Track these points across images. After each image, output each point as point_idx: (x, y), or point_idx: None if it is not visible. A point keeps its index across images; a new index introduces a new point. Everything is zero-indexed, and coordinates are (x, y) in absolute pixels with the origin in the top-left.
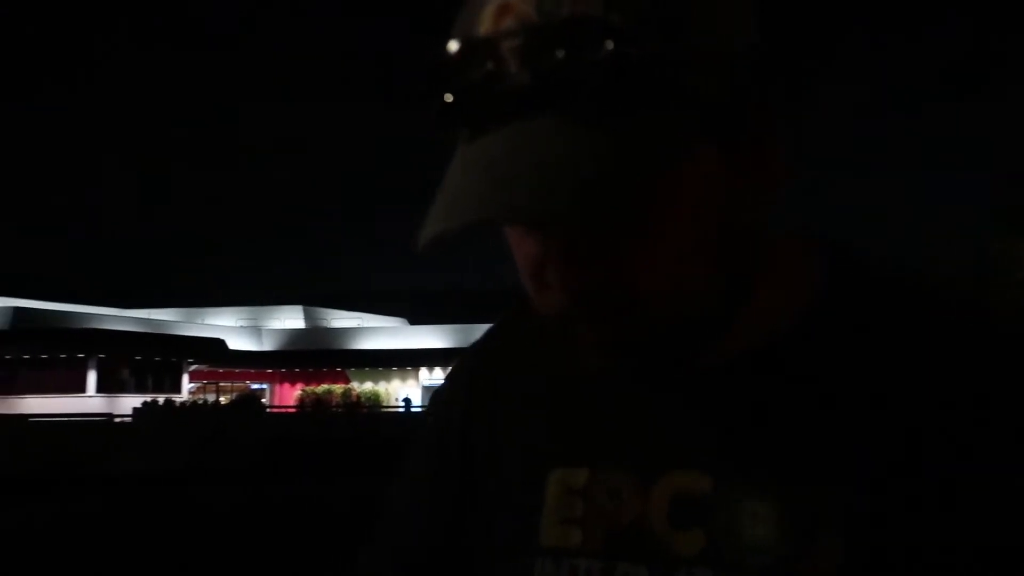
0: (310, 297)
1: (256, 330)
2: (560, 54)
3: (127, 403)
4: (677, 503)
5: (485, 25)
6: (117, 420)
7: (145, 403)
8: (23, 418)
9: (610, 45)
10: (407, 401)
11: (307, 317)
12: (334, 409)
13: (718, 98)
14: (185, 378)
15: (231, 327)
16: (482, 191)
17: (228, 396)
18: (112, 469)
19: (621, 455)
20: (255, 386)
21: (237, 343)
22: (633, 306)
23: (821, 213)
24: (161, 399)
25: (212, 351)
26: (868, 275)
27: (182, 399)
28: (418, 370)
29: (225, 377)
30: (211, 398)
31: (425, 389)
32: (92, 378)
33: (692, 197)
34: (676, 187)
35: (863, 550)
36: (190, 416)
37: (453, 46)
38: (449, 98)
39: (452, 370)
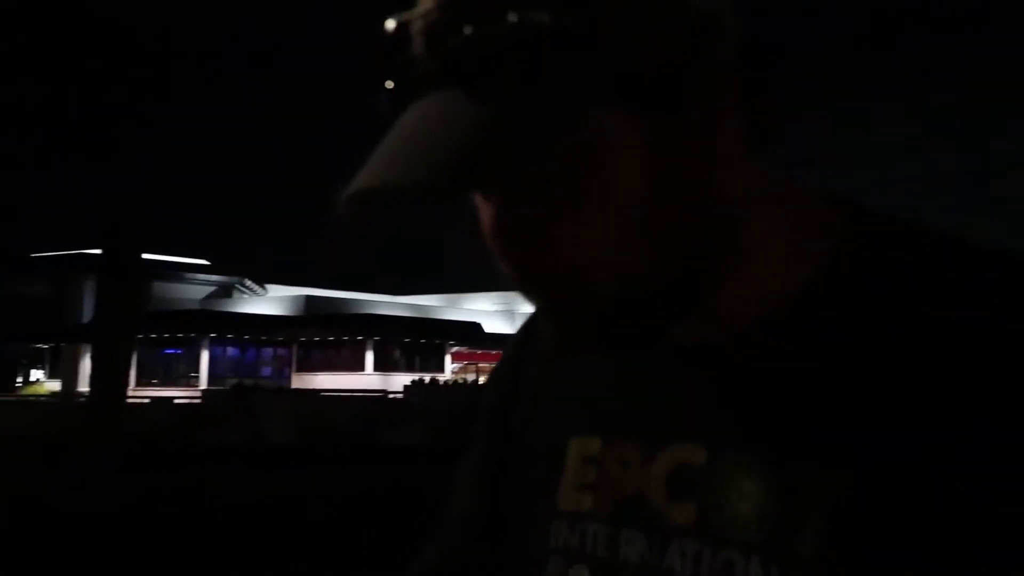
0: None
1: (510, 314)
2: (467, 30)
3: (398, 380)
4: (675, 475)
5: (418, 9)
6: (390, 396)
7: (413, 381)
8: (315, 392)
9: (513, 17)
10: None
11: None
12: None
13: (637, 67)
14: (447, 359)
15: (487, 311)
16: (381, 163)
17: (486, 376)
18: (386, 440)
19: (630, 426)
20: None
21: (492, 326)
22: (564, 280)
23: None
24: (427, 378)
25: (470, 334)
26: (885, 236)
27: (445, 378)
28: None
29: (482, 358)
30: (470, 377)
31: None
32: (369, 358)
33: (609, 168)
34: (586, 158)
35: (845, 535)
36: (452, 393)
37: (389, 24)
38: (388, 84)
39: (504, 349)
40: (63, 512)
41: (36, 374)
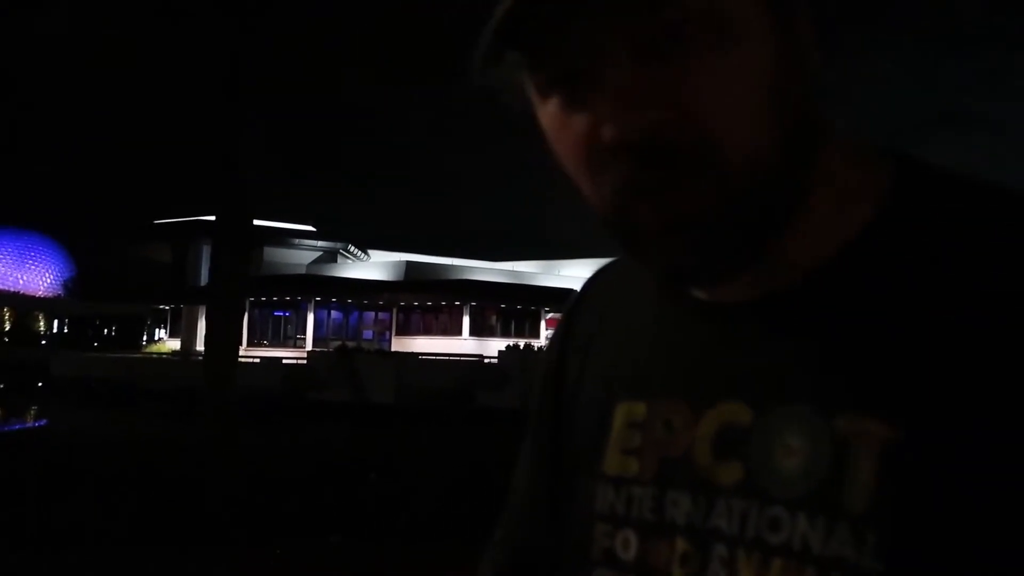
0: None
1: None
2: None
3: (494, 346)
4: (721, 434)
5: None
6: (486, 360)
7: (508, 346)
8: (414, 356)
9: None
10: None
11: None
12: None
13: None
14: (543, 324)
15: (583, 277)
16: None
17: None
18: (483, 402)
19: (675, 387)
20: None
21: None
22: (700, 155)
23: None
24: (522, 343)
25: (566, 300)
26: (938, 186)
27: (540, 344)
28: None
29: None
30: None
31: None
32: (466, 323)
33: (744, 38)
34: (726, 23)
35: (894, 486)
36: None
37: None
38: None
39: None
40: (180, 466)
41: (159, 333)
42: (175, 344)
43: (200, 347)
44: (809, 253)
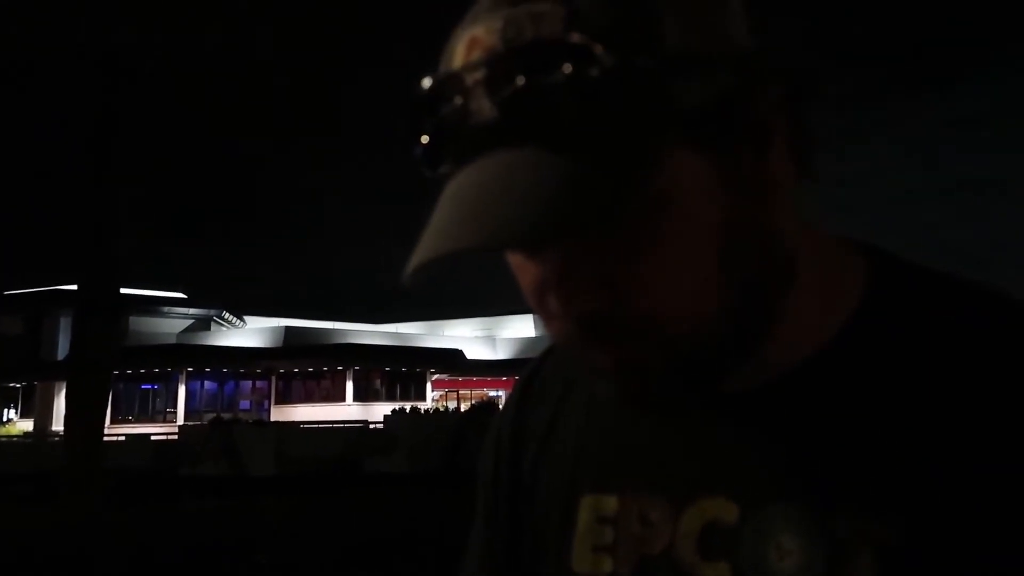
0: None
1: (491, 339)
2: (520, 81)
3: (379, 410)
4: (705, 532)
5: (456, 60)
6: (372, 426)
7: (394, 410)
8: (295, 425)
9: (568, 68)
10: None
11: (537, 325)
12: None
13: (699, 105)
14: (428, 386)
15: (468, 337)
16: (454, 223)
17: (468, 403)
18: (368, 469)
19: (652, 481)
20: (492, 393)
21: (474, 352)
22: (640, 329)
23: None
24: (408, 406)
25: (452, 361)
26: (913, 284)
27: (426, 406)
28: None
29: (464, 385)
30: (452, 405)
31: None
32: (350, 388)
33: (682, 210)
34: (662, 201)
35: None
36: (434, 421)
37: (425, 83)
38: (425, 139)
39: (504, 404)
40: (50, 552)
41: (8, 413)
42: (27, 425)
43: (57, 427)
44: (787, 355)
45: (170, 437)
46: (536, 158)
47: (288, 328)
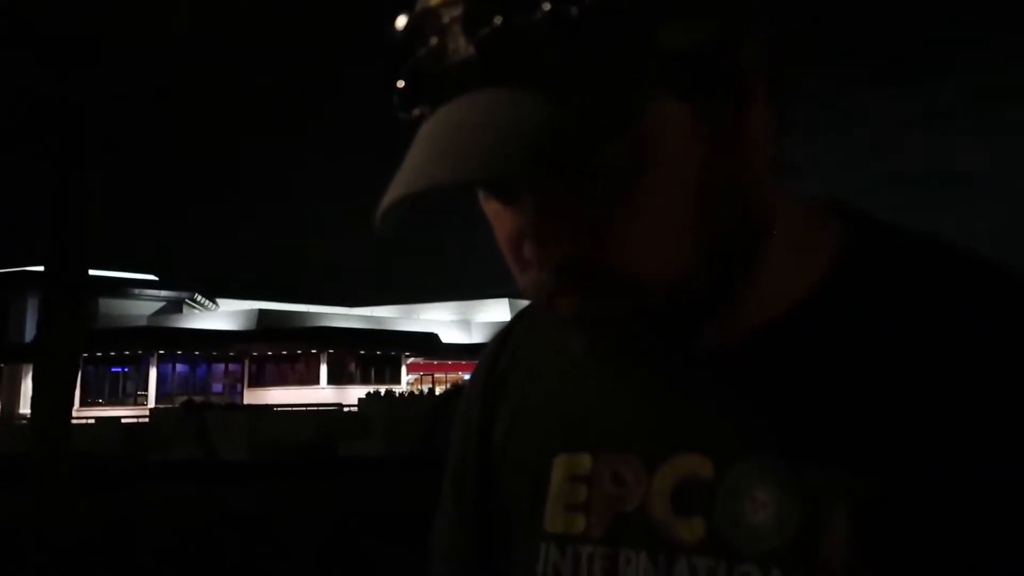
0: (516, 292)
1: (466, 323)
2: (499, 19)
3: (354, 393)
4: (680, 488)
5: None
6: (345, 409)
7: (369, 393)
8: (268, 409)
9: (548, 6)
10: None
11: (512, 309)
12: None
13: (682, 50)
14: (403, 370)
15: (443, 321)
16: (429, 161)
17: (443, 386)
18: (343, 452)
19: (625, 439)
20: (467, 376)
21: (449, 336)
22: (614, 279)
23: None
24: (383, 389)
25: (427, 345)
26: (889, 242)
27: (401, 389)
28: None
29: (439, 368)
30: (427, 388)
31: None
32: (324, 371)
33: (663, 157)
34: (642, 147)
35: (870, 539)
36: (409, 404)
37: (400, 22)
38: (401, 82)
39: (475, 369)
40: (16, 536)
41: None
42: None
43: (25, 410)
44: (761, 312)
45: (141, 420)
46: (515, 96)
47: (262, 311)
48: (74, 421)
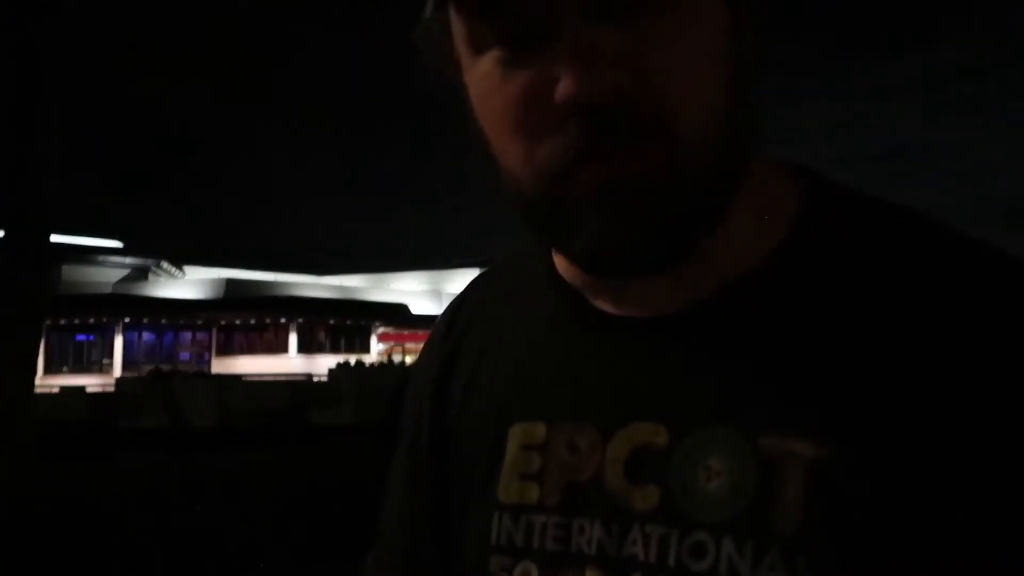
0: (487, 261)
1: (436, 293)
2: None
3: (323, 363)
4: (634, 457)
5: None
6: (316, 379)
7: (339, 364)
8: (237, 379)
9: None
10: None
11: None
12: None
13: None
14: (373, 340)
15: (414, 291)
16: None
17: (413, 356)
18: (313, 421)
19: (580, 407)
20: None
21: (419, 307)
22: (653, 118)
23: None
24: (352, 359)
25: (397, 315)
26: (845, 207)
27: (372, 359)
28: None
29: (410, 339)
30: (397, 358)
31: None
32: (293, 340)
33: (705, 10)
34: None
35: (822, 507)
36: (379, 374)
37: None
38: None
39: (429, 335)
40: None
41: None
42: None
43: None
44: (718, 276)
45: (106, 389)
46: None
47: (230, 280)
48: (38, 390)
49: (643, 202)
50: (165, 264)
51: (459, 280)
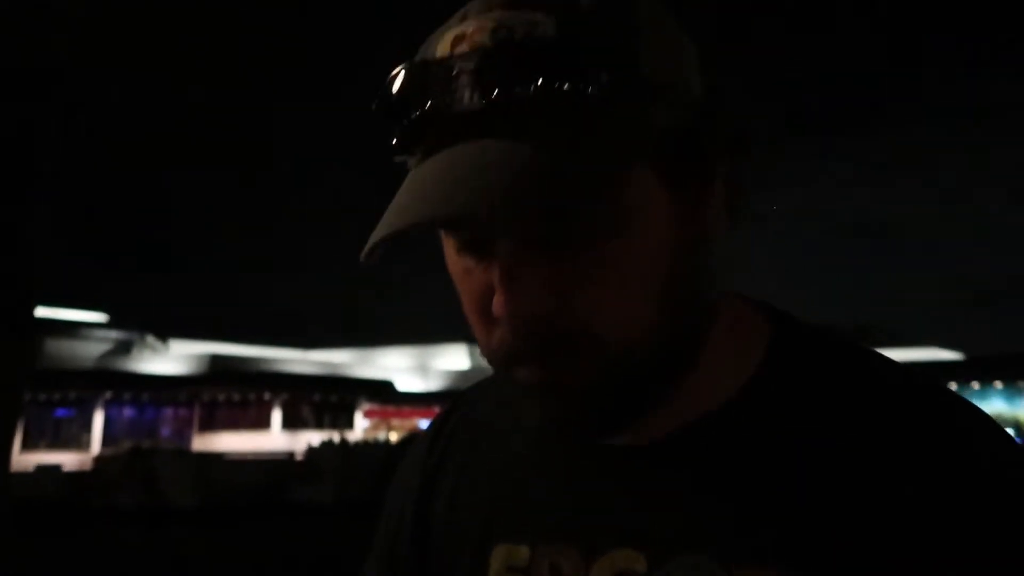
0: (474, 338)
1: (423, 369)
2: (507, 79)
3: (307, 440)
4: None
5: (441, 51)
6: (298, 457)
7: (323, 441)
8: (219, 456)
9: (555, 73)
10: None
11: (471, 356)
12: None
13: (664, 125)
14: (358, 416)
15: (400, 367)
16: (417, 200)
17: (398, 433)
18: (294, 499)
19: (564, 532)
20: (423, 424)
21: (405, 383)
22: (578, 340)
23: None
24: (336, 436)
25: (382, 391)
26: (811, 344)
27: (356, 437)
28: None
29: (395, 416)
30: (382, 436)
31: None
32: (277, 417)
33: (637, 227)
34: (623, 216)
35: None
36: (362, 452)
37: (407, 68)
38: (405, 122)
39: (413, 443)
40: None
41: None
42: None
43: None
44: (695, 407)
45: (84, 466)
46: (515, 152)
47: (214, 355)
48: (13, 468)
49: (577, 399)
50: (150, 338)
51: (446, 356)
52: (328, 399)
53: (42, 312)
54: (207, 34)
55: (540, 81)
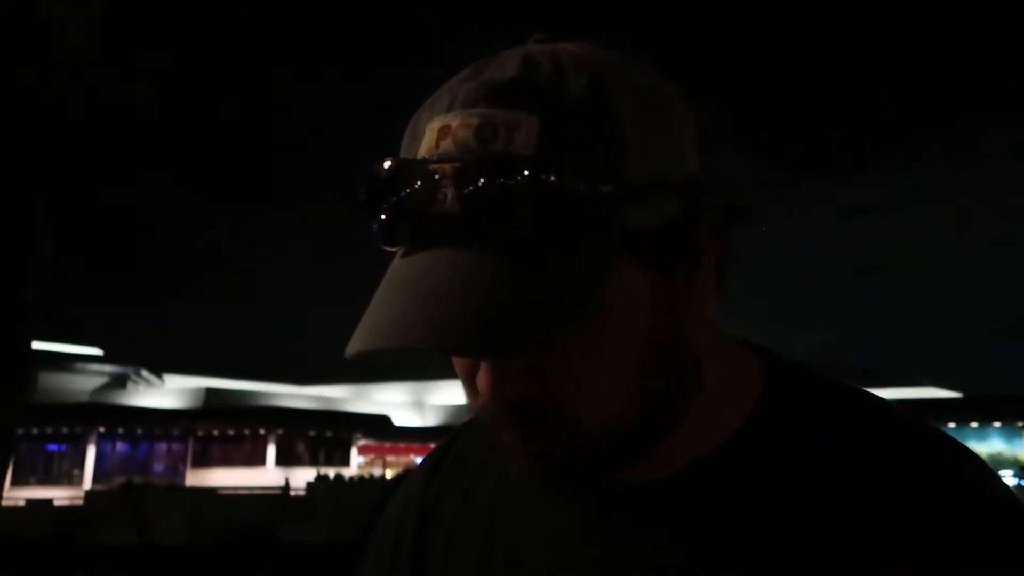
0: None
1: (419, 405)
2: (488, 185)
3: (302, 476)
4: None
5: (426, 145)
6: (293, 492)
7: (317, 476)
8: (212, 491)
9: (535, 182)
10: None
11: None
12: None
13: (648, 226)
14: (354, 452)
15: (396, 403)
16: (406, 318)
17: (394, 470)
18: (287, 537)
19: (558, 571)
20: (419, 460)
21: (402, 418)
22: (558, 418)
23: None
24: (331, 472)
25: (378, 427)
26: (804, 389)
27: (351, 472)
28: None
29: (391, 451)
30: (378, 472)
31: None
32: (271, 452)
33: (617, 319)
34: (602, 311)
35: None
36: (357, 488)
37: (389, 163)
38: (383, 216)
39: (405, 479)
40: None
41: None
42: None
43: None
44: (688, 451)
45: (75, 502)
46: (492, 266)
47: (209, 390)
48: (3, 503)
49: (554, 463)
50: (144, 372)
51: (442, 392)
52: (323, 435)
53: (37, 345)
54: (205, 73)
55: (518, 192)
